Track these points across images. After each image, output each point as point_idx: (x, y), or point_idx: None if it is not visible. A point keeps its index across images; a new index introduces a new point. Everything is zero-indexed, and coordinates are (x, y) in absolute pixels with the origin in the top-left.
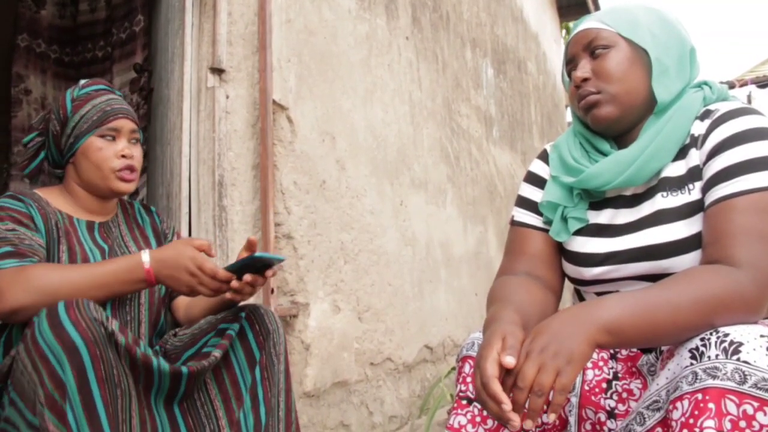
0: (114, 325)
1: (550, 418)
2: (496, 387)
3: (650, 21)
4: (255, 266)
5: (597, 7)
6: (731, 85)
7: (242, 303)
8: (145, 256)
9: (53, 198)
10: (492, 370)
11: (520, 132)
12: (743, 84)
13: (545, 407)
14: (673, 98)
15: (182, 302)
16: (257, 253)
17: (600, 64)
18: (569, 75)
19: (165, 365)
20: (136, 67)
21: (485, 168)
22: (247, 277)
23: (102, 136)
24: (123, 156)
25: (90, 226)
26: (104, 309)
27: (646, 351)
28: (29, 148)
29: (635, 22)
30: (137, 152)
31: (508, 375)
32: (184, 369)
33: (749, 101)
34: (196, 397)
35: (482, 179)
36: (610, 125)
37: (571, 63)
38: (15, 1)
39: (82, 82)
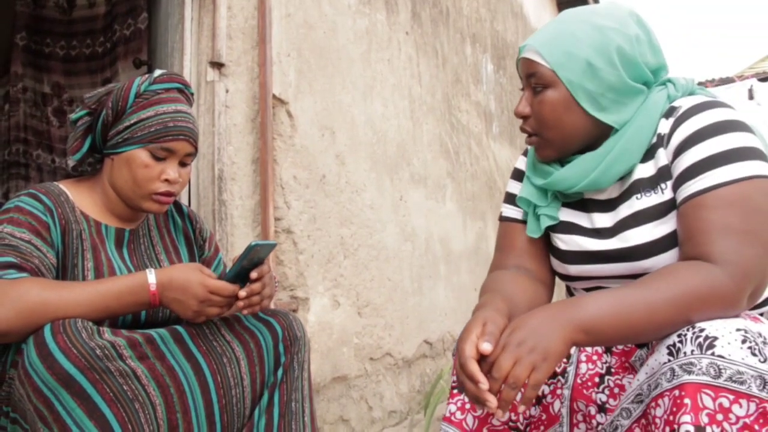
0: (107, 334)
1: (520, 408)
2: (473, 367)
3: (591, 49)
4: (252, 262)
5: (596, 2)
6: (731, 81)
7: (271, 308)
8: (152, 277)
9: (81, 197)
10: (470, 352)
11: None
12: (744, 79)
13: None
14: (632, 114)
15: None
16: (252, 243)
17: (537, 107)
18: None
19: (163, 331)
20: (135, 61)
21: (485, 163)
22: (241, 293)
23: (152, 152)
24: (167, 180)
25: (119, 236)
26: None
27: (640, 346)
28: (77, 127)
29: (572, 55)
30: (185, 174)
31: (484, 361)
32: (182, 329)
33: (751, 95)
34: (233, 393)
35: (482, 175)
36: (553, 161)
37: (522, 81)
38: (13, 1)
39: (157, 74)
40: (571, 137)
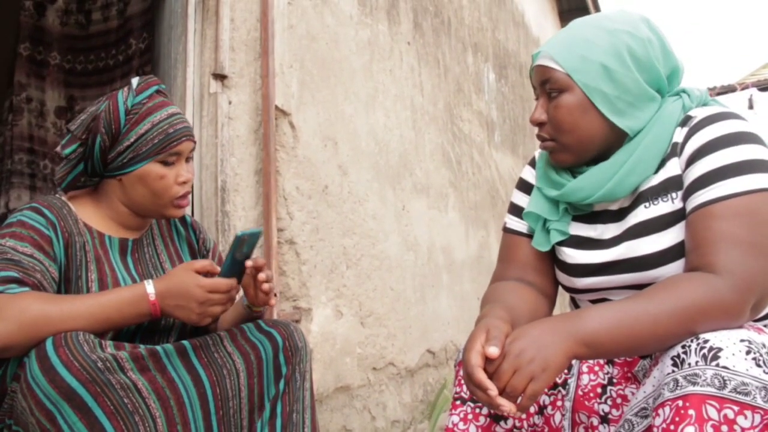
0: (109, 347)
1: (515, 413)
2: (481, 375)
3: (604, 52)
4: (243, 253)
5: (598, 11)
6: (732, 89)
7: (273, 318)
8: (150, 287)
9: (83, 209)
10: (475, 360)
11: (521, 136)
12: (744, 87)
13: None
14: (646, 121)
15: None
16: (238, 233)
17: (553, 112)
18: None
19: (168, 345)
20: (138, 72)
21: (487, 172)
22: (261, 276)
23: (163, 161)
24: (183, 182)
25: (123, 246)
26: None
27: (643, 356)
28: (70, 160)
29: (587, 59)
30: (192, 169)
31: (489, 364)
32: (187, 343)
33: (751, 105)
34: (230, 405)
35: (484, 184)
36: (570, 167)
37: (536, 90)
38: (16, 10)
39: (135, 83)
40: (588, 141)
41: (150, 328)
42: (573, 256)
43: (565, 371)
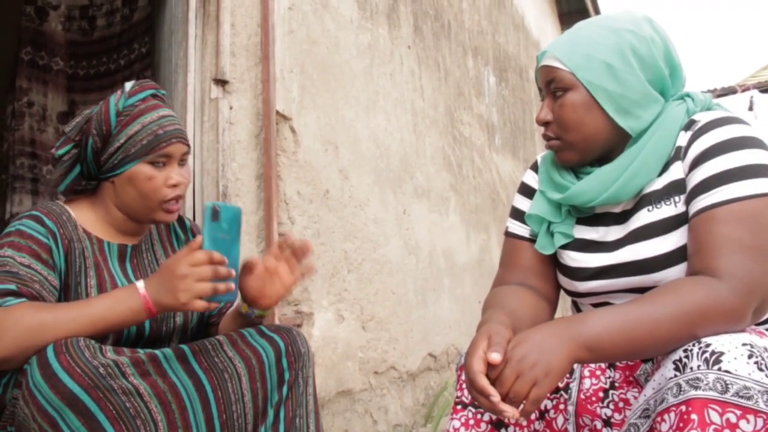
0: (109, 352)
1: (521, 421)
2: (483, 381)
3: (608, 50)
4: (224, 229)
5: (598, 13)
6: (733, 91)
7: (275, 323)
8: (140, 282)
9: (82, 215)
10: (478, 366)
11: (522, 139)
12: (745, 89)
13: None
14: (648, 123)
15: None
16: (208, 203)
17: (558, 111)
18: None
19: (167, 350)
20: (139, 76)
21: (488, 176)
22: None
23: (152, 163)
24: (173, 185)
25: (122, 252)
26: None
27: (645, 360)
28: (64, 162)
29: (591, 57)
30: (186, 173)
31: (491, 370)
32: (186, 347)
33: (751, 106)
34: (234, 409)
35: (485, 187)
36: (576, 165)
37: (542, 91)
38: (18, 15)
39: (128, 87)
40: (592, 139)
41: (151, 338)
42: (575, 258)
43: (567, 375)
